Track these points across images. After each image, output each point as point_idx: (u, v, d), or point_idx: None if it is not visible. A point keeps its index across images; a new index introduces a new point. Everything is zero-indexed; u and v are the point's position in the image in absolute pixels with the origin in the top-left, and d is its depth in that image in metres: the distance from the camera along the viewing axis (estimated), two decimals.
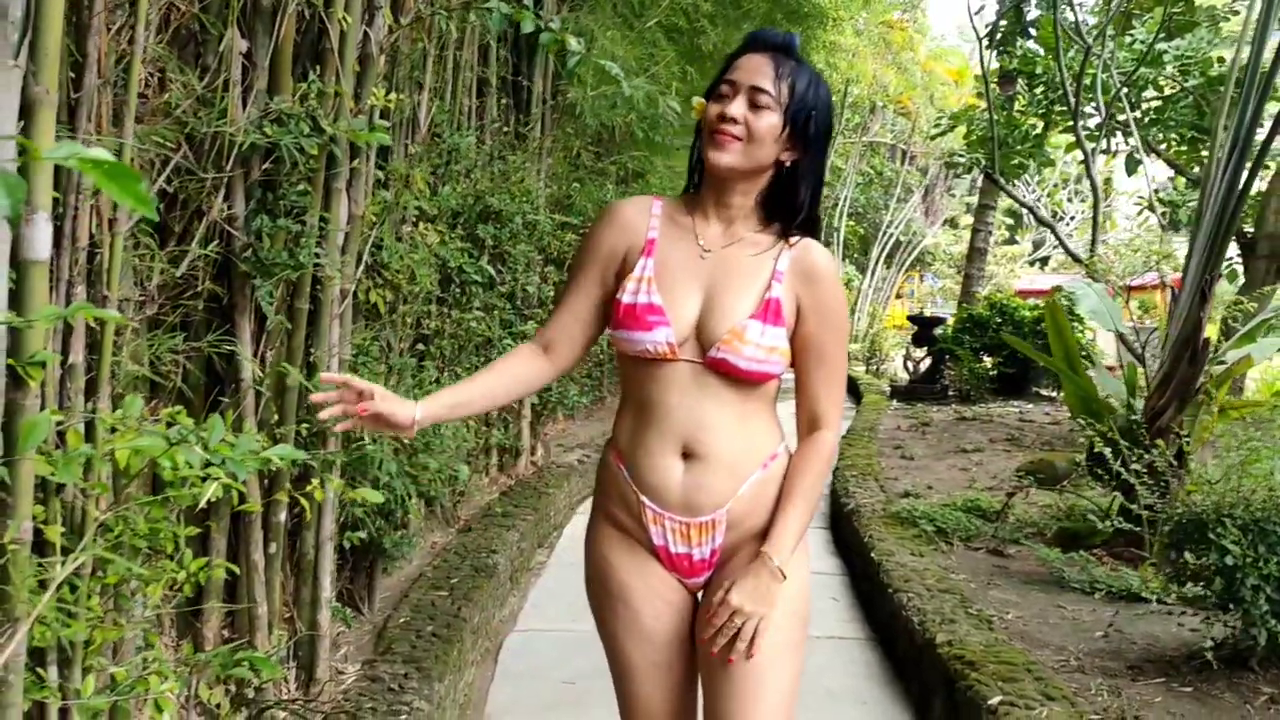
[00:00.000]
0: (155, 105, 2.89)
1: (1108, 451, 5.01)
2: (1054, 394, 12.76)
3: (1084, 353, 10.16)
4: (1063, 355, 5.76)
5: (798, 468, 2.12)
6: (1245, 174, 5.08)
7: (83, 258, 2.52)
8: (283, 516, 3.43)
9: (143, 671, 2.52)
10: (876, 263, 24.51)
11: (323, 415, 1.99)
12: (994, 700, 3.67)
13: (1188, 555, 3.75)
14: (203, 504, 2.26)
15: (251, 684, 3.16)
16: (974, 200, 17.45)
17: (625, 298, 2.11)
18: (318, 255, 3.35)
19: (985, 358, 13.39)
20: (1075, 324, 10.38)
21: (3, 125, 1.54)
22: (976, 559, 5.68)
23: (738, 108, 2.05)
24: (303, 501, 3.27)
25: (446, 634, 4.16)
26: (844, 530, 6.75)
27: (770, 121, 2.06)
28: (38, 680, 2.11)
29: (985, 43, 11.44)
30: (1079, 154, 9.76)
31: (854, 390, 15.40)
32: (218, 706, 3.07)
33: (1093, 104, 9.20)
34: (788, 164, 2.12)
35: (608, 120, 7.27)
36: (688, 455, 2.12)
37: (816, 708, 4.32)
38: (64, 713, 2.27)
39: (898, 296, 28.06)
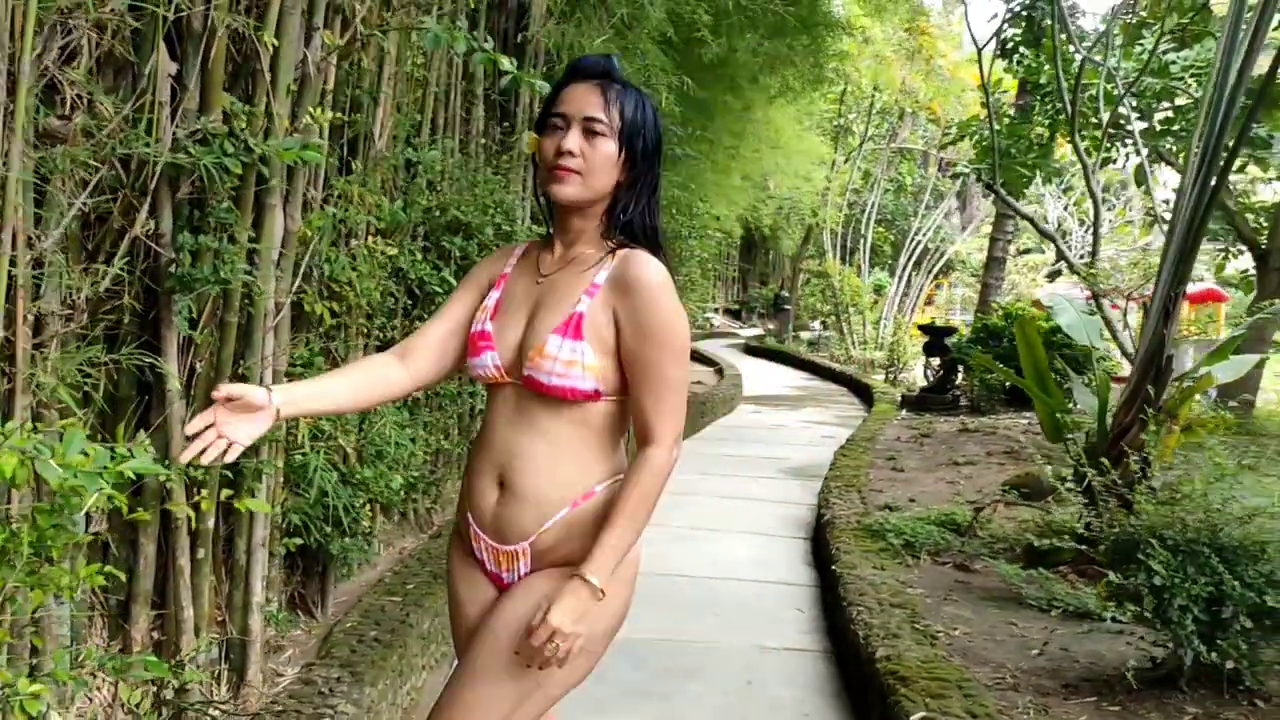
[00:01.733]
0: (77, 126, 2.98)
1: (1065, 472, 5.01)
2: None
3: (1103, 361, 10.13)
4: (1033, 373, 5.75)
5: (624, 486, 2.11)
6: (1210, 189, 5.06)
7: None
8: (210, 523, 3.53)
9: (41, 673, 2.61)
10: (904, 269, 24.37)
11: (183, 458, 2.01)
12: (915, 716, 3.71)
13: (1111, 575, 3.76)
14: (83, 511, 2.34)
15: (171, 685, 3.25)
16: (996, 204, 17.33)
17: (473, 328, 2.24)
18: (248, 270, 3.45)
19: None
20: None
21: None
22: (941, 574, 5.69)
23: (573, 140, 2.10)
24: (236, 507, 3.37)
25: (389, 639, 4.24)
26: (821, 543, 6.78)
27: (607, 150, 2.11)
28: None
29: (996, 52, 11.42)
30: (1086, 164, 9.68)
31: (869, 399, 15.38)
32: (137, 706, 3.16)
33: (1097, 114, 9.16)
34: (625, 183, 2.17)
35: None
36: (502, 484, 2.17)
37: (758, 717, 4.36)
38: None
39: (927, 303, 27.91)
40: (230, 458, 2.03)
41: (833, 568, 5.60)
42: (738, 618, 5.57)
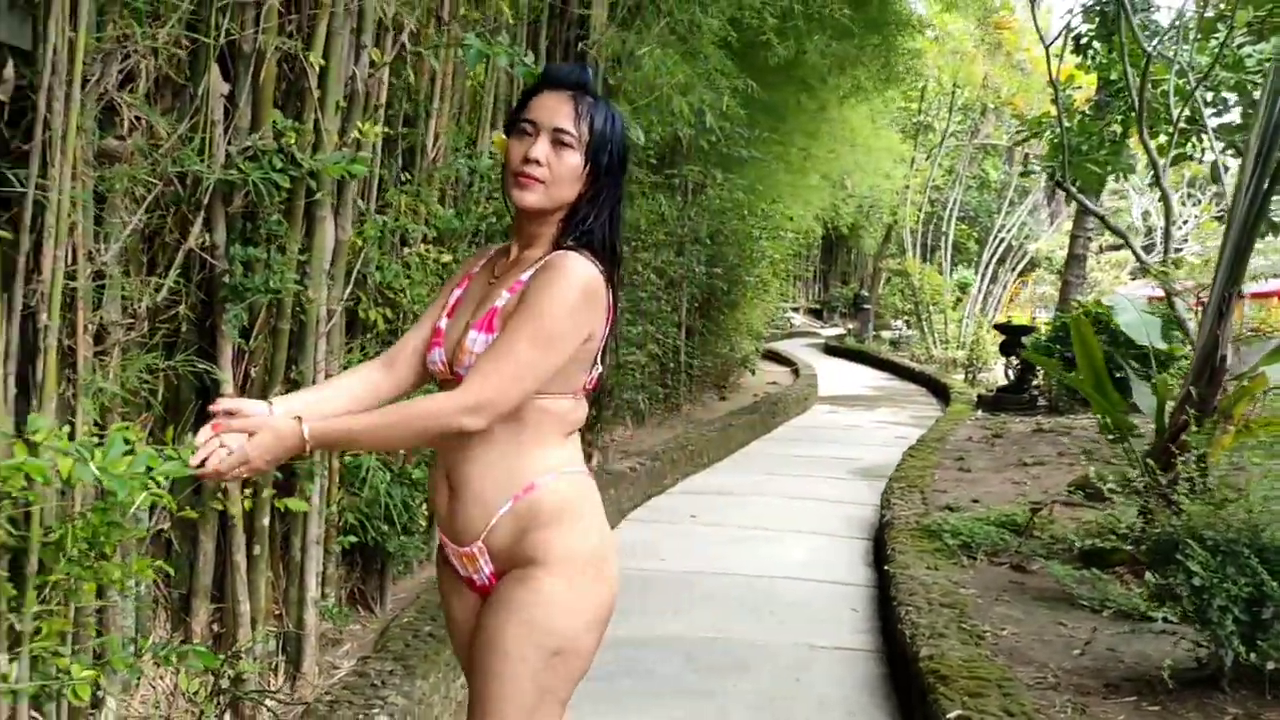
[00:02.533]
0: (132, 146, 3.17)
1: (1133, 473, 4.99)
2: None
3: (1177, 361, 9.94)
4: (1089, 374, 5.72)
5: (405, 403, 2.12)
6: (1266, 186, 5.00)
7: (48, 289, 2.79)
8: (265, 521, 3.70)
9: (98, 661, 2.79)
10: (986, 267, 24.06)
11: (192, 461, 2.05)
12: (951, 715, 3.75)
13: (1149, 576, 3.76)
14: (133, 509, 2.51)
15: (227, 675, 3.43)
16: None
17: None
18: (298, 279, 3.62)
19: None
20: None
21: None
22: (996, 574, 5.68)
23: (540, 149, 2.14)
24: (284, 505, 3.54)
25: (443, 634, 4.37)
26: (882, 543, 6.80)
27: (572, 162, 2.15)
28: None
29: (1070, 48, 11.28)
30: (1160, 160, 9.52)
31: (947, 399, 15.27)
32: (195, 695, 3.34)
33: (1169, 110, 9.02)
34: (586, 195, 2.19)
35: (656, 136, 7.45)
36: (451, 484, 2.23)
37: (803, 715, 4.43)
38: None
39: (1011, 300, 27.50)
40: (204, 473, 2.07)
41: (885, 568, 5.63)
42: (792, 617, 5.62)
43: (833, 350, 25.33)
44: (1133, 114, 9.21)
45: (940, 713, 3.79)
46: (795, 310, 33.01)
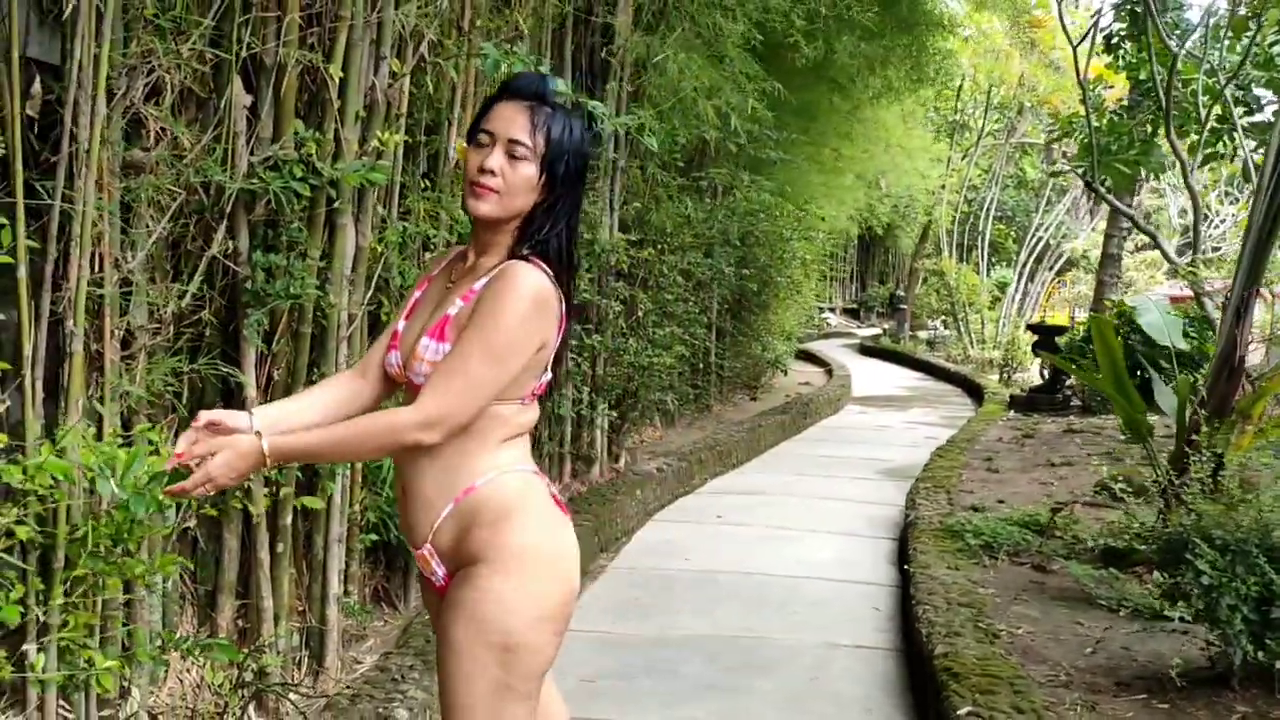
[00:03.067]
0: (159, 156, 3.28)
1: (1139, 474, 5.01)
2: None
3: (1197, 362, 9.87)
4: (1110, 374, 5.73)
5: (361, 418, 2.18)
6: None
7: (73, 296, 2.90)
8: (288, 519, 3.81)
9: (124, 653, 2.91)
10: (1024, 267, 23.90)
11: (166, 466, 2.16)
12: (962, 711, 3.80)
13: (1156, 574, 3.79)
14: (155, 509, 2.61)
15: (251, 669, 3.54)
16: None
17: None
18: (319, 285, 3.72)
19: None
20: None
21: None
22: (1017, 574, 5.71)
23: (496, 159, 2.17)
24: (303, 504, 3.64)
25: None
26: (906, 543, 6.83)
27: (526, 173, 2.18)
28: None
29: (1101, 47, 11.23)
30: (1192, 159, 9.48)
31: (981, 399, 15.22)
32: (219, 687, 3.45)
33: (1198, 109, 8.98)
34: (542, 205, 2.22)
35: (681, 140, 7.53)
36: (403, 488, 2.30)
37: (820, 713, 4.48)
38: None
39: (1049, 299, 27.29)
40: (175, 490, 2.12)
41: (905, 567, 5.67)
42: (814, 616, 5.67)
43: (868, 350, 25.25)
44: (1162, 113, 9.17)
45: (951, 709, 3.84)
46: (831, 310, 32.93)
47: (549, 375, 2.30)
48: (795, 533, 7.43)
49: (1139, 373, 8.78)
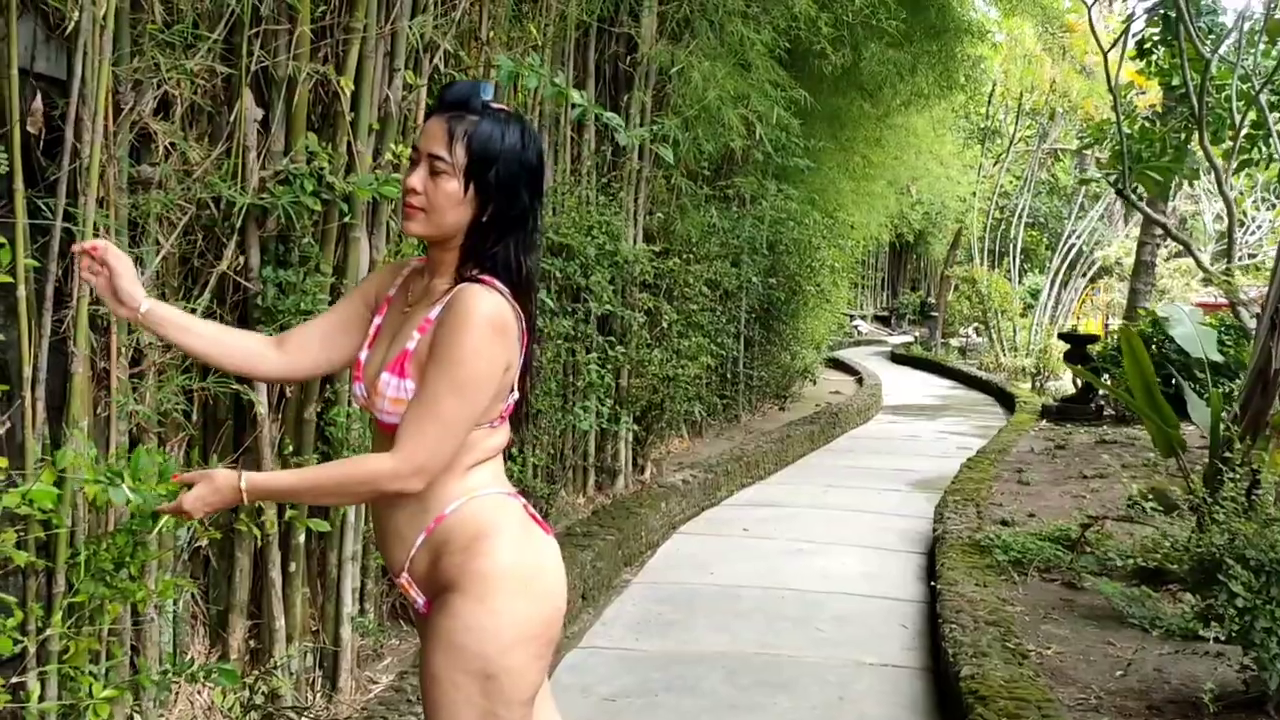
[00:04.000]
0: (167, 171, 3.24)
1: (1170, 489, 4.89)
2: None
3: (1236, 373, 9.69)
4: (1141, 388, 5.60)
5: (341, 461, 2.17)
6: None
7: (76, 314, 2.86)
8: (301, 539, 3.76)
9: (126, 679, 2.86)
10: (1056, 274, 23.64)
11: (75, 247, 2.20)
12: None
13: (1188, 595, 3.68)
14: (153, 534, 2.57)
15: (262, 691, 3.49)
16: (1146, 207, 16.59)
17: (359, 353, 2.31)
18: (332, 300, 3.67)
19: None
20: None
21: None
22: (1047, 591, 5.59)
23: (417, 178, 2.11)
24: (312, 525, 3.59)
25: None
26: (934, 557, 6.72)
27: (448, 189, 2.09)
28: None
29: (1133, 53, 11.07)
30: (1226, 165, 9.31)
31: (1013, 408, 15.03)
32: (229, 710, 3.40)
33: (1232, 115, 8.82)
34: (480, 219, 2.13)
35: (707, 149, 7.45)
36: (377, 517, 2.25)
37: None
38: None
39: (1081, 306, 26.98)
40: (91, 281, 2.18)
41: (932, 584, 5.56)
42: (839, 632, 5.58)
43: (899, 358, 25.05)
44: (1195, 119, 9.02)
45: None
46: (862, 318, 32.71)
47: (515, 395, 2.24)
48: (822, 546, 7.32)
49: (1172, 382, 8.60)
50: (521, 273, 2.16)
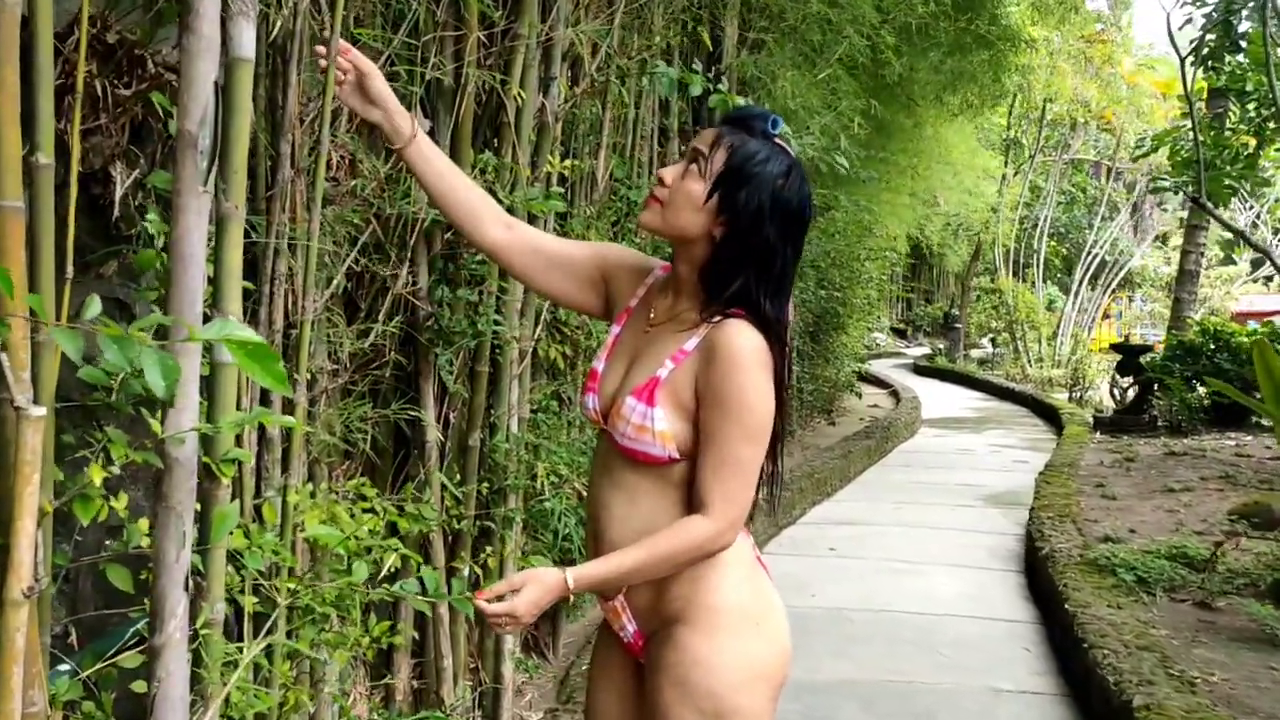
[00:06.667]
0: (344, 188, 3.06)
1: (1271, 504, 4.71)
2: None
3: None
4: (1273, 396, 5.43)
5: (662, 533, 2.00)
6: None
7: (279, 339, 2.69)
8: (465, 572, 3.57)
9: None
10: (1080, 284, 23.54)
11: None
12: None
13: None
14: (385, 572, 2.38)
15: None
16: (1187, 215, 16.39)
17: (594, 362, 2.20)
18: (497, 321, 3.49)
19: (1199, 386, 12.71)
20: None
21: (195, 248, 1.67)
22: (1180, 612, 5.40)
23: (670, 170, 2.05)
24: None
25: None
26: (1038, 576, 6.53)
27: (692, 188, 2.00)
28: None
29: (1191, 60, 10.93)
30: None
31: (1055, 420, 14.86)
32: None
33: None
34: (718, 238, 2.02)
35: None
36: (595, 536, 2.13)
37: None
38: None
39: (1104, 317, 26.90)
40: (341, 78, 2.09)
41: (1065, 606, 5.37)
42: (963, 657, 5.39)
43: (922, 370, 24.90)
44: (1268, 125, 8.88)
45: None
46: (881, 331, 32.60)
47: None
48: (913, 565, 7.15)
49: (1254, 394, 8.42)
50: (760, 312, 2.01)
